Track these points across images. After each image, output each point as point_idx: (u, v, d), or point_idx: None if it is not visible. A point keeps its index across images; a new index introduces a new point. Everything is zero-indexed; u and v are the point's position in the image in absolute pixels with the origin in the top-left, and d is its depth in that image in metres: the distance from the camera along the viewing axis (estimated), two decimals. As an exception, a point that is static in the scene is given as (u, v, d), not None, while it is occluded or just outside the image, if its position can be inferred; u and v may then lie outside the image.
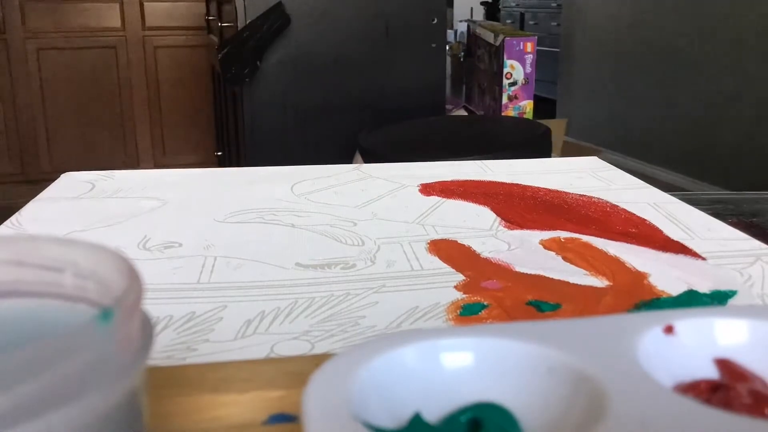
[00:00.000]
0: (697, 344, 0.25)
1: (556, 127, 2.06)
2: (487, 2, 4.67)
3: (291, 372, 0.29)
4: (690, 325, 0.25)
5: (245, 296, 0.38)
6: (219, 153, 2.63)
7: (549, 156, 1.57)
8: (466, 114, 2.25)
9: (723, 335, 0.25)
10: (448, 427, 0.22)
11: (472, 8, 4.00)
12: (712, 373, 0.25)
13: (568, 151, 2.29)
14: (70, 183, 0.61)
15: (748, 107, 2.63)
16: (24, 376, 0.15)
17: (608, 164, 0.68)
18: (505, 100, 2.07)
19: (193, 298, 0.37)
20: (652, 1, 3.18)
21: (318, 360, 0.23)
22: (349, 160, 1.62)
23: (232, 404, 0.27)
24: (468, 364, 0.24)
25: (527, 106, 2.11)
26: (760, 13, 2.57)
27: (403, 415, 0.22)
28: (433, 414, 0.23)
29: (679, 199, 0.55)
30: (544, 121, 1.84)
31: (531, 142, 1.56)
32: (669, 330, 0.25)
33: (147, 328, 0.19)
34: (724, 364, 0.25)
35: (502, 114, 2.07)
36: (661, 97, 3.12)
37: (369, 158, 1.46)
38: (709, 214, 0.51)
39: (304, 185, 0.60)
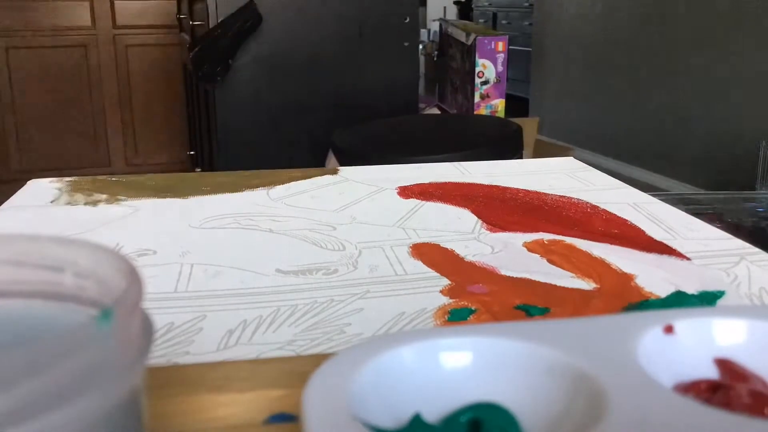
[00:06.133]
0: (697, 344, 0.25)
1: (528, 125, 2.07)
2: (459, 2, 4.69)
3: (291, 372, 0.29)
4: (690, 325, 0.25)
5: (225, 305, 0.36)
6: (191, 152, 2.60)
7: (520, 154, 1.58)
8: (438, 113, 2.26)
9: (723, 335, 0.25)
10: (448, 427, 0.22)
11: (445, 7, 4.02)
12: (712, 373, 0.25)
13: (540, 149, 2.31)
14: (37, 190, 0.59)
15: (718, 106, 2.67)
16: (24, 376, 0.15)
17: (585, 164, 0.68)
18: (477, 98, 2.08)
19: (170, 308, 0.36)
20: (624, 0, 3.21)
21: (318, 360, 0.23)
22: (322, 158, 1.61)
23: (232, 404, 0.27)
24: (468, 364, 0.24)
25: (499, 104, 2.12)
26: (727, 12, 2.61)
27: (403, 415, 0.22)
28: (433, 414, 0.23)
29: (658, 199, 0.55)
30: (516, 120, 1.84)
31: (502, 141, 1.57)
32: (669, 330, 0.25)
33: (147, 328, 0.19)
34: (724, 364, 0.25)
35: (475, 112, 2.08)
36: (632, 95, 3.16)
37: (343, 157, 1.46)
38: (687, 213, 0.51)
39: (280, 189, 0.59)
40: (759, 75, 2.47)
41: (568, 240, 0.46)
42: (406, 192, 0.58)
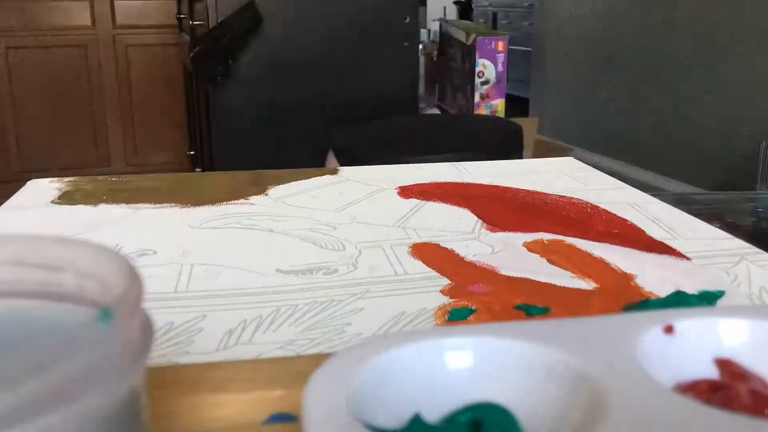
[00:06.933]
0: (697, 344, 0.25)
1: (528, 125, 2.07)
2: (460, 2, 4.69)
3: (291, 372, 0.29)
4: (690, 325, 0.25)
5: (225, 305, 0.36)
6: (191, 152, 2.60)
7: (520, 154, 1.58)
8: (438, 113, 2.26)
9: (723, 335, 0.25)
10: (448, 427, 0.22)
11: (445, 7, 4.01)
12: (712, 373, 0.25)
13: (540, 149, 2.31)
14: (37, 190, 0.59)
15: (718, 106, 2.67)
16: (24, 376, 0.15)
17: (584, 164, 0.68)
18: (477, 98, 2.08)
19: (171, 308, 0.36)
20: (624, 0, 3.21)
21: (318, 360, 0.23)
22: (322, 158, 1.61)
23: (232, 404, 0.27)
24: (468, 364, 0.24)
25: (499, 104, 2.12)
26: (727, 14, 2.61)
27: (403, 415, 0.22)
28: (433, 414, 0.23)
29: (658, 199, 0.55)
30: (516, 120, 1.84)
31: (502, 141, 1.57)
32: (669, 330, 0.25)
33: (147, 328, 0.19)
34: (724, 364, 0.25)
35: (475, 112, 2.08)
36: (633, 95, 3.16)
37: (342, 156, 1.46)
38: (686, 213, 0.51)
39: (280, 189, 0.59)
40: (759, 75, 2.47)
41: (568, 240, 0.46)
42: (406, 192, 0.58)
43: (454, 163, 0.68)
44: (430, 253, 0.43)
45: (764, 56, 2.45)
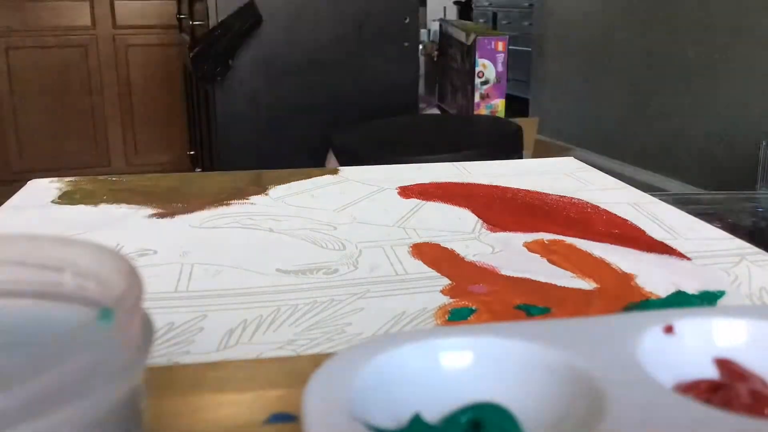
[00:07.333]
0: (697, 344, 0.25)
1: (528, 125, 2.07)
2: (460, 2, 4.69)
3: (291, 372, 0.29)
4: (690, 325, 0.25)
5: (226, 304, 0.36)
6: (191, 152, 2.60)
7: (520, 154, 1.58)
8: (438, 113, 2.26)
9: (723, 335, 0.25)
10: (448, 427, 0.22)
11: (445, 7, 4.02)
12: (712, 373, 0.25)
13: (540, 149, 2.31)
14: (37, 190, 0.59)
15: (718, 106, 2.67)
16: (24, 376, 0.15)
17: (585, 164, 0.68)
18: (477, 98, 2.08)
19: (171, 308, 0.36)
20: (624, 0, 3.21)
21: (318, 360, 0.23)
22: (322, 159, 1.61)
23: (232, 404, 0.27)
24: (468, 364, 0.24)
25: (499, 104, 2.12)
26: (727, 12, 2.61)
27: (403, 415, 0.22)
28: (433, 414, 0.23)
29: (658, 199, 0.55)
30: (516, 120, 1.84)
31: (502, 141, 1.57)
32: (669, 330, 0.25)
33: (147, 327, 0.19)
34: (724, 364, 0.25)
35: (475, 112, 2.08)
36: (632, 95, 3.16)
37: (342, 157, 1.46)
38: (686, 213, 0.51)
39: (281, 189, 0.59)
40: (759, 75, 2.47)
41: (569, 240, 0.46)
42: (406, 192, 0.58)
43: (454, 163, 0.68)
44: (430, 253, 0.43)
45: (764, 56, 2.45)
